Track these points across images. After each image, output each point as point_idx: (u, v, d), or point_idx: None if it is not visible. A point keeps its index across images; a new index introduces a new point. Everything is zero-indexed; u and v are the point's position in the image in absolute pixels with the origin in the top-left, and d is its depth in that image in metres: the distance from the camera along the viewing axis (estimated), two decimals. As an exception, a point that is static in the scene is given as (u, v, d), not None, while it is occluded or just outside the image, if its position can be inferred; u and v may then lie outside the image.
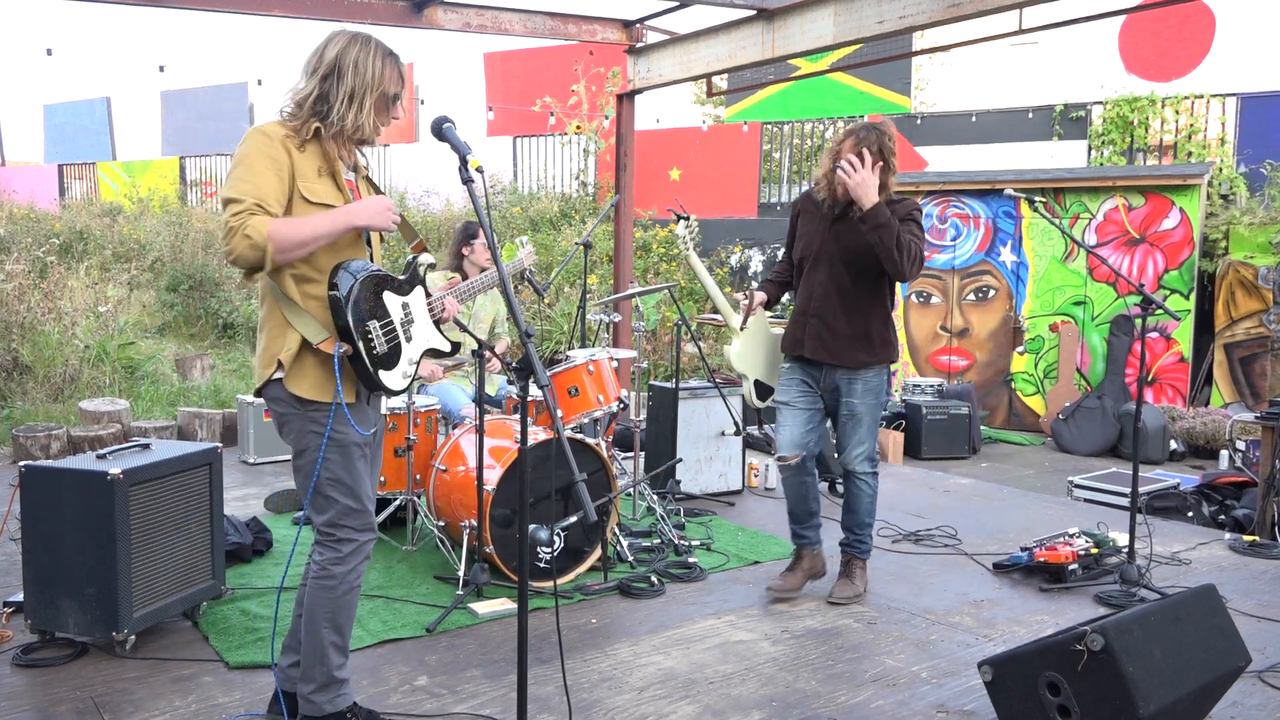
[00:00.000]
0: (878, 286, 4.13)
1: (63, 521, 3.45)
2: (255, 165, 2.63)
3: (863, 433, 4.19)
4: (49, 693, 3.27)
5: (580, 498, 2.28)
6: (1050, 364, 9.19)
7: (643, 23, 7.43)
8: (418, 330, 2.92)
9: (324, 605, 2.81)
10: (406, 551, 4.75)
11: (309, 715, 2.88)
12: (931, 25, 5.45)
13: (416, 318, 2.92)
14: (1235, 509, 5.83)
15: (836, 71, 12.04)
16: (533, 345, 2.40)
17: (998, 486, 6.65)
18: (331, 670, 2.85)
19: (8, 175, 19.73)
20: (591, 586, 4.30)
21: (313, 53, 2.76)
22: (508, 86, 15.39)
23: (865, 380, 4.14)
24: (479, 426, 4.03)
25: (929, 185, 9.79)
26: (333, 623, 2.83)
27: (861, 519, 4.30)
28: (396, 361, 2.83)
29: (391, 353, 2.81)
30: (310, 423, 2.75)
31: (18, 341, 8.15)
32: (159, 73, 19.66)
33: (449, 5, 6.55)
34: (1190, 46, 11.29)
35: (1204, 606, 3.00)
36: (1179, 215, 8.65)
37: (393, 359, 2.82)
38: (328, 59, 2.72)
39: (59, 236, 12.33)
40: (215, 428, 7.26)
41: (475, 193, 2.64)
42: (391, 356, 2.81)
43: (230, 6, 5.90)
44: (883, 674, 3.52)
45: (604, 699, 3.28)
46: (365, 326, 2.72)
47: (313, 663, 2.84)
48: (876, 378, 4.16)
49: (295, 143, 2.70)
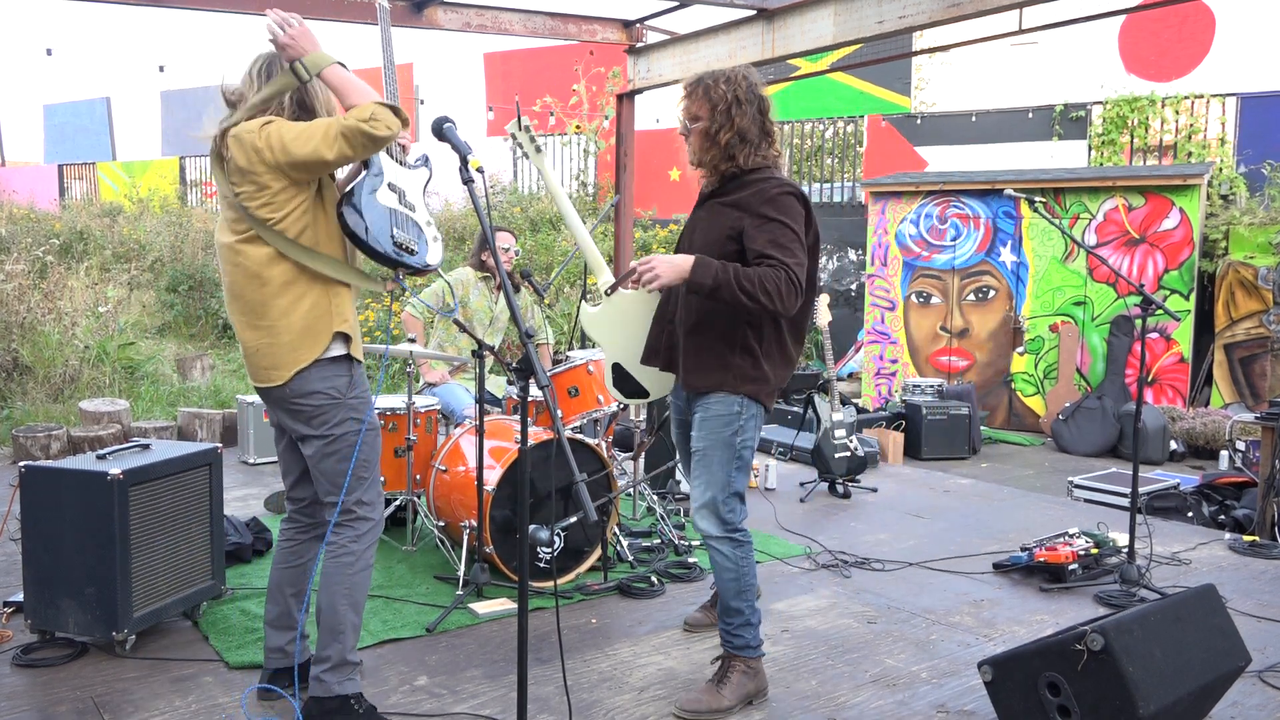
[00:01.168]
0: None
1: (63, 521, 3.45)
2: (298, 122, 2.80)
3: (704, 477, 3.19)
4: (49, 693, 3.27)
5: (580, 498, 2.28)
6: (1050, 364, 9.19)
7: (643, 23, 7.43)
8: (412, 196, 3.01)
9: (343, 583, 2.91)
10: (406, 551, 4.75)
11: (319, 695, 2.93)
12: (931, 25, 5.45)
13: (405, 186, 3.00)
14: (1235, 509, 5.83)
15: (836, 71, 12.04)
16: (533, 345, 2.41)
17: (998, 487, 6.65)
18: (346, 652, 2.93)
19: (8, 175, 19.74)
20: (591, 586, 4.30)
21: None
22: (508, 86, 15.40)
23: (707, 406, 3.18)
24: (479, 426, 4.03)
25: (929, 185, 9.80)
26: (350, 600, 2.92)
27: (726, 601, 3.24)
28: (422, 236, 2.97)
29: (417, 236, 2.94)
30: (350, 410, 2.91)
31: (18, 341, 8.15)
32: (159, 73, 19.67)
33: (449, 5, 6.55)
34: (1190, 46, 11.30)
35: (1204, 606, 3.00)
36: (1179, 215, 8.65)
37: (420, 239, 2.95)
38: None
39: (59, 237, 12.34)
40: (215, 428, 7.26)
41: (475, 193, 2.66)
42: (419, 239, 2.95)
43: (230, 6, 5.90)
44: (883, 674, 3.52)
45: (604, 699, 3.28)
46: (395, 239, 2.85)
47: (329, 641, 2.92)
48: (721, 405, 3.15)
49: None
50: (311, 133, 2.71)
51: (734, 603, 3.21)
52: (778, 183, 3.09)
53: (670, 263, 2.98)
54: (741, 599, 3.21)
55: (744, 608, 3.21)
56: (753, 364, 3.15)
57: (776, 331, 3.18)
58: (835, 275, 12.03)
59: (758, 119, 3.14)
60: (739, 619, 3.22)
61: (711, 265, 2.96)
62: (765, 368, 3.16)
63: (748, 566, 3.21)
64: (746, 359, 3.14)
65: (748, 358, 3.14)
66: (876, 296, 10.18)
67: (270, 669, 3.17)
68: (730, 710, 3.17)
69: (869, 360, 10.26)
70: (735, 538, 3.19)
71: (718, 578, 3.25)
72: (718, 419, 3.15)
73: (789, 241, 3.00)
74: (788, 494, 6.08)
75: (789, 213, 3.03)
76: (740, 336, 3.13)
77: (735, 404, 3.14)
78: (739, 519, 3.21)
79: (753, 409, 3.17)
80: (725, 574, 3.20)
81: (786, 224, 3.01)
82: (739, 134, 3.10)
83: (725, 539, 3.18)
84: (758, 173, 3.13)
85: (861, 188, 11.31)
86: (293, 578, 3.13)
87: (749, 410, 3.16)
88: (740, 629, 3.22)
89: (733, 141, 3.10)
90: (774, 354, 3.19)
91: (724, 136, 3.10)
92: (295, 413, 2.91)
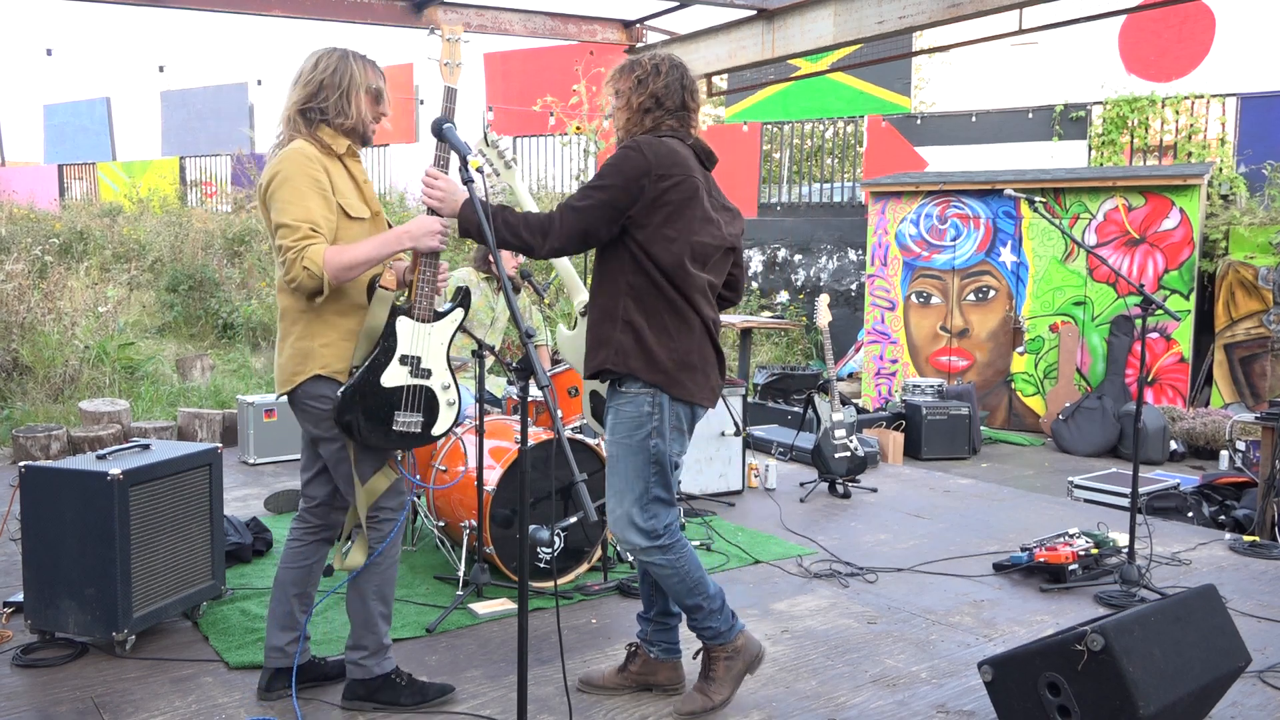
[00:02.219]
0: (611, 271, 2.99)
1: (63, 522, 3.45)
2: (300, 187, 2.82)
3: (616, 483, 3.00)
4: (49, 693, 3.27)
5: (580, 498, 2.28)
6: (1050, 364, 9.19)
7: (643, 23, 7.44)
8: (430, 359, 2.98)
9: (371, 582, 3.06)
10: (406, 551, 4.75)
11: (361, 679, 3.12)
12: (931, 25, 5.46)
13: (424, 350, 2.97)
14: (1235, 509, 5.83)
15: (836, 71, 12.05)
16: (533, 346, 2.41)
17: (998, 487, 6.65)
18: (381, 638, 3.12)
19: (8, 175, 19.73)
20: (591, 586, 4.30)
21: (298, 71, 2.97)
22: (508, 86, 15.40)
23: (616, 406, 3.00)
24: (479, 426, 4.03)
25: (929, 185, 9.80)
26: (380, 595, 3.09)
27: (681, 601, 3.08)
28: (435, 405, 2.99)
29: (426, 409, 2.98)
30: None
31: (18, 342, 8.15)
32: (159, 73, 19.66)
33: (449, 5, 6.55)
34: (1190, 46, 11.31)
35: (1204, 606, 3.00)
36: (1179, 215, 8.65)
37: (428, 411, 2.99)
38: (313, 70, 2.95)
39: (59, 237, 12.33)
40: (215, 428, 7.26)
41: (475, 193, 2.67)
42: (425, 413, 2.98)
43: (230, 6, 5.91)
44: (883, 674, 3.52)
45: (604, 699, 3.28)
46: (396, 426, 2.93)
47: (363, 633, 3.10)
48: (630, 404, 2.95)
49: (328, 159, 2.91)
50: (284, 208, 2.81)
51: (689, 600, 3.05)
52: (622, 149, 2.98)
53: (446, 191, 2.92)
54: (694, 595, 3.04)
55: (701, 602, 3.05)
56: (637, 343, 2.92)
57: (653, 306, 2.93)
58: (835, 275, 12.03)
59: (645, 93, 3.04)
60: (700, 613, 3.07)
61: (469, 211, 2.88)
62: (648, 345, 2.92)
63: (687, 563, 3.02)
64: (632, 337, 2.93)
65: (631, 335, 2.93)
66: (876, 296, 10.18)
67: (270, 668, 3.18)
68: (726, 702, 3.15)
69: (869, 360, 10.26)
70: (663, 544, 2.99)
71: (664, 586, 3.07)
72: (626, 421, 2.97)
73: (580, 193, 2.94)
74: (788, 494, 6.08)
75: (605, 168, 2.94)
76: (620, 311, 2.94)
77: (647, 401, 2.94)
78: (662, 523, 3.01)
79: (661, 401, 2.95)
80: (669, 581, 3.03)
81: (592, 182, 2.95)
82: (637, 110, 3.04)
83: (654, 548, 2.99)
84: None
85: (861, 188, 11.31)
86: (297, 578, 3.17)
87: (657, 403, 2.94)
88: (705, 620, 3.08)
89: (631, 120, 3.05)
90: (651, 331, 2.93)
91: (620, 117, 3.08)
92: (304, 414, 3.00)
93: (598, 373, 3.02)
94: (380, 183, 15.11)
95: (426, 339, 2.96)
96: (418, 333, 2.94)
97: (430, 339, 2.97)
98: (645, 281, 2.93)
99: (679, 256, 2.93)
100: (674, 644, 3.29)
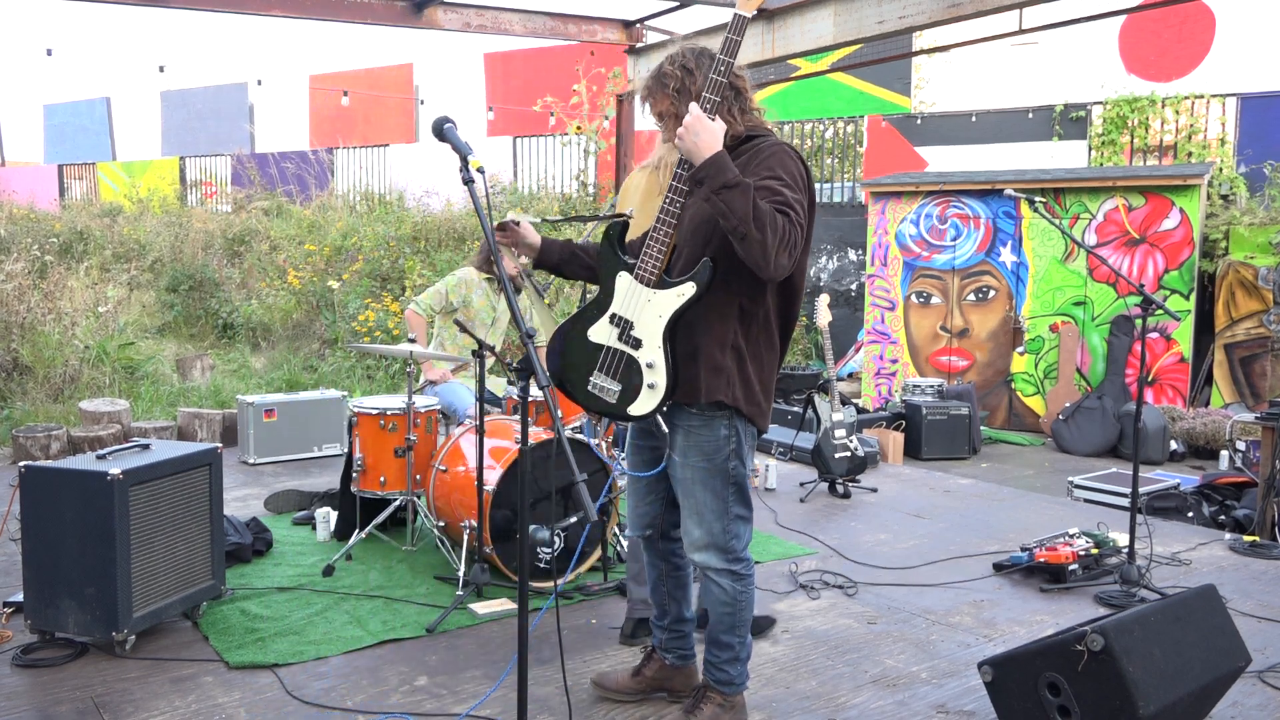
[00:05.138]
0: (726, 292, 2.76)
1: (63, 522, 3.45)
2: None
3: (694, 505, 2.88)
4: (49, 693, 3.27)
5: (580, 498, 2.28)
6: (1050, 364, 9.19)
7: (643, 23, 7.44)
8: (640, 328, 2.78)
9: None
10: (406, 551, 4.75)
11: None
12: (931, 25, 5.46)
13: (636, 315, 2.79)
14: (1235, 509, 5.83)
15: (836, 71, 12.05)
16: (534, 346, 2.40)
17: (998, 487, 6.65)
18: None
19: (8, 175, 19.74)
20: (591, 587, 4.30)
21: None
22: (508, 86, 15.41)
23: (689, 427, 2.85)
24: (479, 426, 4.03)
25: (929, 185, 9.80)
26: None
27: (714, 633, 2.97)
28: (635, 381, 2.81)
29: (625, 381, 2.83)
30: None
31: (18, 342, 8.15)
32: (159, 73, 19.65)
33: (449, 5, 6.56)
34: (1190, 46, 11.31)
35: (1204, 606, 3.00)
36: (1179, 215, 8.64)
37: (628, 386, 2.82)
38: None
39: (59, 237, 12.34)
40: (215, 428, 7.26)
41: (476, 193, 2.65)
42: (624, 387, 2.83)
43: (230, 6, 5.91)
44: (883, 674, 3.52)
45: (604, 699, 3.28)
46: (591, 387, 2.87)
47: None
48: (707, 428, 2.82)
49: None
50: None
51: (725, 637, 2.94)
52: (773, 142, 2.76)
53: (706, 131, 2.56)
54: (733, 634, 2.94)
55: (734, 643, 2.95)
56: (732, 365, 2.78)
57: (751, 322, 2.80)
58: (835, 275, 12.03)
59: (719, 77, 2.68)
60: (728, 653, 2.96)
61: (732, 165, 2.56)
62: (741, 369, 2.79)
63: (746, 600, 2.92)
64: (730, 357, 2.78)
65: (730, 356, 2.78)
66: (876, 296, 10.18)
67: (632, 619, 3.69)
68: None
69: (869, 360, 10.25)
70: (737, 570, 2.90)
71: (711, 609, 2.96)
72: (701, 448, 2.83)
73: (784, 189, 2.64)
74: (788, 494, 6.08)
75: (785, 167, 2.69)
76: (719, 335, 2.77)
77: (725, 427, 2.81)
78: (743, 546, 2.91)
79: (739, 428, 2.84)
80: (720, 608, 2.92)
81: (782, 177, 2.67)
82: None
83: (726, 572, 2.89)
84: (749, 142, 2.80)
85: (861, 188, 11.30)
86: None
87: (735, 430, 2.83)
88: (727, 664, 2.98)
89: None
90: (749, 352, 2.80)
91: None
92: None
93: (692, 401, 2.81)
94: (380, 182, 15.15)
95: (646, 305, 2.74)
96: (635, 295, 2.76)
97: (649, 307, 2.74)
98: (757, 307, 2.79)
99: (800, 283, 2.85)
100: (688, 651, 3.26)
